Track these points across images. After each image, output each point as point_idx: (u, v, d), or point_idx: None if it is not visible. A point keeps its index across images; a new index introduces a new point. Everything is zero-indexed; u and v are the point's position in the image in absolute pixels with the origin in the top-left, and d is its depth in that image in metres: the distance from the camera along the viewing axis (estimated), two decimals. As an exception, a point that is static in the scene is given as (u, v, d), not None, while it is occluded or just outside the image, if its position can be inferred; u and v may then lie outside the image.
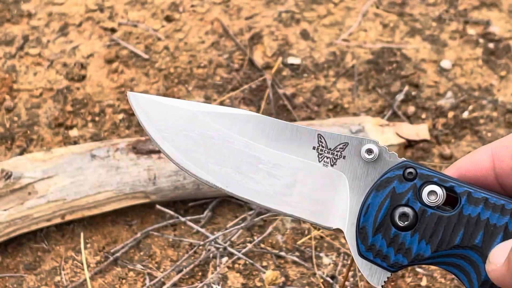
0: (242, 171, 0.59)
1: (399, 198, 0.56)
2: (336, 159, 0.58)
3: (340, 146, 0.58)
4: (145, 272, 1.21)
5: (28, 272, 1.22)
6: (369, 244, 0.57)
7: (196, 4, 1.64)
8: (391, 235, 0.56)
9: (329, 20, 1.62)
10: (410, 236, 0.56)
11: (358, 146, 0.58)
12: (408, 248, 0.56)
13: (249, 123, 0.60)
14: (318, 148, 0.59)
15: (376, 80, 1.50)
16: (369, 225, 0.57)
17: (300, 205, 0.59)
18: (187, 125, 0.61)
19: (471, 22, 1.61)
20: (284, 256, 1.22)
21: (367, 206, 0.57)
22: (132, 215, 1.30)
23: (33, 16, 1.62)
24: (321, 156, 0.59)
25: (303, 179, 0.59)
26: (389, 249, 0.56)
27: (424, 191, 0.55)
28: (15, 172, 1.21)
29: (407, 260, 0.56)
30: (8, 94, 1.48)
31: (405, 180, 0.56)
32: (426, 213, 0.55)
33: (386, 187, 0.56)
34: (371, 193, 0.57)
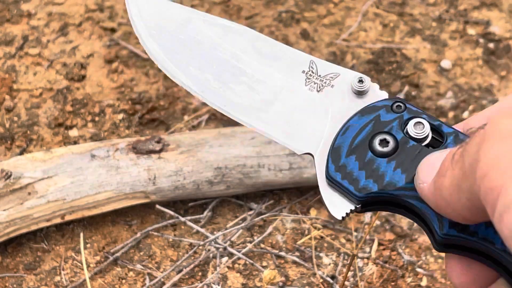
0: (223, 80, 0.58)
1: (382, 124, 0.53)
2: (324, 86, 0.56)
3: (330, 75, 0.57)
4: (145, 272, 1.21)
5: (28, 272, 1.22)
6: (340, 164, 0.53)
7: (196, 4, 1.64)
8: (365, 159, 0.53)
9: (329, 20, 1.62)
10: (386, 163, 0.52)
11: (350, 78, 0.56)
12: (381, 174, 0.52)
13: (242, 36, 0.59)
14: (307, 72, 0.57)
15: (376, 80, 1.50)
16: (345, 145, 0.53)
17: (274, 124, 0.57)
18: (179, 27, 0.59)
19: (471, 22, 1.61)
20: (284, 256, 1.22)
21: (347, 127, 0.54)
22: (132, 215, 1.30)
23: (33, 16, 1.62)
24: (308, 80, 0.57)
25: (284, 99, 0.57)
26: (360, 172, 0.53)
27: (411, 122, 0.52)
28: (15, 172, 1.21)
29: (377, 187, 0.52)
30: (8, 94, 1.48)
31: (392, 111, 0.53)
32: (408, 143, 0.52)
33: (371, 113, 0.54)
34: (354, 116, 0.54)
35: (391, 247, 1.24)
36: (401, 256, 1.22)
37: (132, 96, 1.47)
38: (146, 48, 0.59)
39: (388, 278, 1.20)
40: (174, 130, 1.41)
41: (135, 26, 0.60)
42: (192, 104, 1.46)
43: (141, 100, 1.46)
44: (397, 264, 1.22)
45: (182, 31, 0.59)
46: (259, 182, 1.26)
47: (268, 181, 1.26)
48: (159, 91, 1.48)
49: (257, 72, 0.58)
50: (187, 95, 1.49)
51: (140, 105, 1.46)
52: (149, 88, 1.49)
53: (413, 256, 1.23)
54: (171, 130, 1.41)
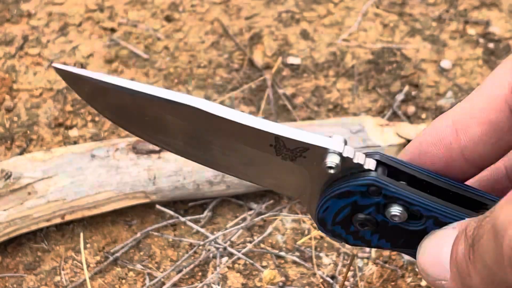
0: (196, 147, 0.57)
1: (361, 208, 0.53)
2: (296, 157, 0.54)
3: (299, 149, 0.54)
4: (145, 272, 1.21)
5: (28, 272, 1.22)
6: (328, 229, 0.55)
7: (196, 4, 1.64)
8: (350, 230, 0.54)
9: (329, 20, 1.62)
10: (370, 234, 0.54)
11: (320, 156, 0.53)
12: (368, 240, 0.54)
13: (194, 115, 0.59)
14: (276, 146, 0.54)
15: (376, 80, 1.50)
16: (328, 220, 0.54)
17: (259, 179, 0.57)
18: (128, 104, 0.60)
19: (471, 22, 1.61)
20: (284, 256, 1.22)
21: (326, 207, 0.54)
22: (132, 215, 1.30)
23: (33, 16, 1.62)
24: (279, 152, 0.54)
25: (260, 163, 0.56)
26: (348, 236, 0.55)
27: (387, 211, 0.52)
28: (15, 172, 1.21)
29: (367, 245, 0.55)
30: (8, 94, 1.48)
31: (369, 195, 0.52)
32: (388, 224, 0.53)
33: (347, 198, 0.53)
34: (331, 198, 0.53)
35: (391, 247, 1.24)
36: (401, 256, 1.22)
37: (132, 96, 1.46)
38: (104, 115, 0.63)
39: (388, 278, 1.20)
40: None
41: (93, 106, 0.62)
42: (192, 104, 1.46)
43: (141, 100, 1.46)
44: (397, 264, 1.22)
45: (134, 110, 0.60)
46: (259, 182, 1.26)
47: (268, 181, 1.26)
48: (159, 91, 1.48)
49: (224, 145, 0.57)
50: (187, 95, 1.49)
51: (140, 105, 1.45)
52: (149, 88, 1.49)
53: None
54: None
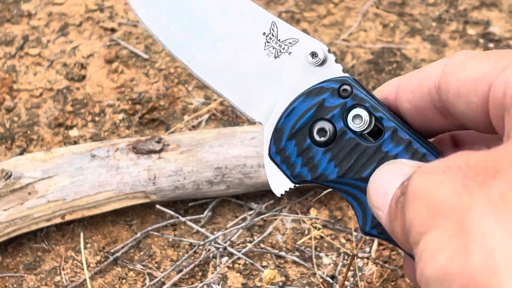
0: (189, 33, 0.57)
1: (325, 111, 0.53)
2: (282, 52, 0.55)
3: (289, 40, 0.56)
4: (145, 272, 1.21)
5: (28, 272, 1.22)
6: (280, 148, 0.54)
7: (196, 4, 1.64)
8: (303, 146, 0.53)
9: (329, 20, 1.62)
10: (321, 153, 0.53)
11: (307, 47, 0.55)
12: (316, 164, 0.53)
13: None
14: (267, 35, 0.56)
15: (376, 80, 1.50)
16: (287, 129, 0.54)
17: (231, 87, 0.57)
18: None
19: (471, 22, 1.61)
20: (284, 256, 1.22)
21: (292, 109, 0.54)
22: (132, 215, 1.30)
23: (33, 16, 1.62)
24: (268, 44, 0.56)
25: (243, 61, 0.56)
26: (297, 159, 0.53)
27: (351, 113, 0.52)
28: (15, 172, 1.21)
29: (311, 176, 0.53)
30: (8, 94, 1.48)
31: (338, 95, 0.53)
32: (346, 135, 0.52)
33: (316, 96, 0.53)
34: (300, 97, 0.53)
35: (391, 247, 1.24)
36: (401, 256, 1.22)
37: (132, 96, 1.47)
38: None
39: (388, 278, 1.20)
40: (174, 130, 1.41)
41: None
42: (192, 104, 1.46)
43: (141, 100, 1.46)
44: (397, 264, 1.22)
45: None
46: (259, 182, 1.26)
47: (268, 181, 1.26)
48: (159, 91, 1.48)
49: (220, 29, 0.57)
50: (187, 95, 1.49)
51: (140, 105, 1.46)
52: (149, 88, 1.49)
53: (413, 256, 1.23)
54: (171, 130, 1.41)
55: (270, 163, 0.55)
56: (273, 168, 0.55)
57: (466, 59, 0.49)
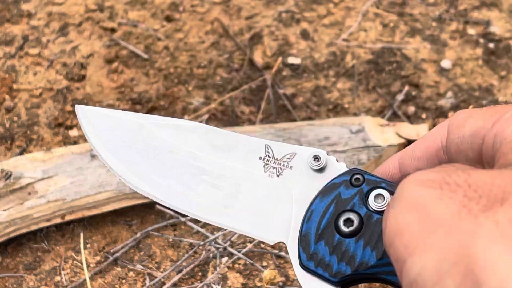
0: (185, 182, 0.57)
1: (344, 203, 0.53)
2: (283, 169, 0.56)
3: (287, 156, 0.56)
4: (145, 272, 1.21)
5: (28, 272, 1.22)
6: (311, 253, 0.53)
7: (196, 4, 1.64)
8: (334, 242, 0.52)
9: (329, 20, 1.62)
10: (354, 243, 0.52)
11: (306, 156, 0.56)
12: (352, 255, 0.52)
13: (194, 133, 0.58)
14: (264, 158, 0.57)
15: (376, 80, 1.50)
16: (312, 232, 0.53)
17: (241, 218, 0.57)
18: (133, 136, 0.59)
19: (471, 22, 1.61)
20: (284, 256, 1.22)
21: (311, 212, 0.54)
22: (132, 215, 1.30)
23: (33, 16, 1.62)
24: (267, 166, 0.57)
25: (246, 190, 0.56)
26: (331, 257, 0.52)
27: (371, 195, 0.52)
28: (15, 172, 1.21)
29: (351, 269, 0.52)
30: (8, 94, 1.48)
31: (352, 185, 0.53)
32: (372, 218, 0.52)
33: (331, 192, 0.53)
34: (316, 199, 0.54)
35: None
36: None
37: (132, 96, 1.47)
38: (106, 163, 0.58)
39: (388, 278, 1.20)
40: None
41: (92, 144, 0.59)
42: (192, 104, 1.46)
43: (141, 100, 1.46)
44: (397, 264, 1.22)
45: (136, 140, 0.59)
46: (259, 182, 1.26)
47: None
48: (159, 91, 1.48)
49: (216, 168, 0.57)
50: (187, 95, 1.49)
51: (140, 105, 1.46)
52: (149, 88, 1.49)
53: (413, 256, 1.23)
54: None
55: (304, 273, 0.53)
56: (308, 278, 0.53)
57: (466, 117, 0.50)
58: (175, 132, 0.59)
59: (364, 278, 0.53)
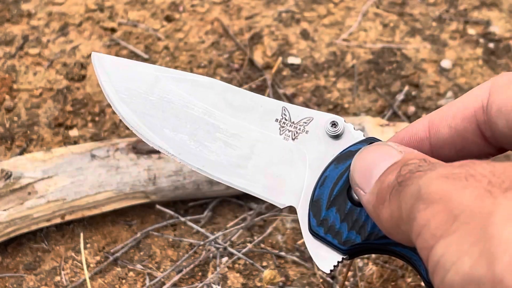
0: (198, 138, 0.56)
1: None
2: (298, 133, 0.55)
3: (304, 120, 0.56)
4: (145, 272, 1.21)
5: (28, 272, 1.22)
6: (322, 218, 0.52)
7: (196, 4, 1.64)
8: (346, 210, 0.52)
9: (329, 20, 1.62)
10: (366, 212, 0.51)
11: (323, 121, 0.55)
12: (363, 224, 0.51)
13: (211, 89, 0.57)
14: (280, 120, 0.56)
15: (376, 80, 1.50)
16: (324, 198, 0.53)
17: (253, 179, 0.56)
18: (148, 88, 0.58)
19: (471, 22, 1.61)
20: (284, 256, 1.22)
21: (324, 178, 0.53)
22: (132, 215, 1.30)
23: (33, 16, 1.62)
24: (283, 128, 0.56)
25: (261, 152, 0.56)
26: (342, 224, 0.52)
27: None
28: (15, 172, 1.21)
29: (361, 238, 0.51)
30: (8, 94, 1.48)
31: None
32: None
33: (347, 159, 0.53)
34: (330, 165, 0.53)
35: (391, 247, 1.24)
36: (401, 256, 1.22)
37: (132, 96, 1.47)
38: (118, 113, 0.58)
39: (388, 278, 1.20)
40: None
41: (105, 93, 0.58)
42: (192, 104, 1.46)
43: (141, 100, 1.46)
44: (397, 264, 1.22)
45: (152, 92, 0.58)
46: (259, 182, 1.26)
47: (268, 181, 1.26)
48: (159, 91, 1.48)
49: (231, 127, 0.56)
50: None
51: (140, 105, 1.46)
52: (149, 88, 1.49)
53: (413, 256, 1.23)
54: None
55: (312, 239, 0.53)
56: (316, 244, 0.53)
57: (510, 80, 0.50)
58: (192, 87, 0.57)
59: (373, 248, 0.52)
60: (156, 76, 0.58)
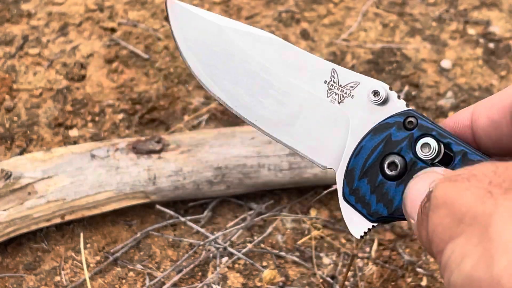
0: (253, 93, 0.59)
1: (393, 145, 0.54)
2: (344, 97, 0.57)
3: (351, 84, 0.57)
4: (145, 272, 1.21)
5: (28, 272, 1.22)
6: (354, 188, 0.54)
7: (196, 4, 1.64)
8: (376, 182, 0.54)
9: (329, 20, 1.62)
10: (395, 187, 0.53)
11: (368, 87, 0.56)
12: (391, 199, 0.53)
13: (271, 45, 0.59)
14: (329, 82, 0.57)
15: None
16: (358, 168, 0.54)
17: (300, 138, 0.58)
18: (214, 39, 0.61)
19: (471, 22, 1.61)
20: (284, 256, 1.22)
21: (360, 148, 0.55)
22: (132, 215, 1.30)
23: (33, 16, 1.62)
24: (330, 91, 0.57)
25: (308, 112, 0.58)
26: (372, 196, 0.54)
27: (419, 143, 0.52)
28: (15, 172, 1.21)
29: (387, 211, 0.53)
30: (8, 94, 1.48)
31: (404, 128, 0.54)
32: (416, 165, 0.53)
33: (383, 132, 0.54)
34: (367, 135, 0.54)
35: (391, 247, 1.24)
36: (401, 256, 1.22)
37: (132, 96, 1.47)
38: (185, 61, 0.61)
39: (388, 278, 1.20)
40: (174, 130, 1.41)
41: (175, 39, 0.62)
42: (192, 104, 1.46)
43: (141, 100, 1.46)
44: (397, 264, 1.22)
45: (217, 43, 0.60)
46: (259, 182, 1.26)
47: (268, 181, 1.26)
48: (159, 91, 1.48)
49: (283, 84, 0.58)
50: (187, 95, 1.49)
51: (140, 105, 1.46)
52: (149, 88, 1.49)
53: (413, 256, 1.23)
54: (171, 130, 1.41)
55: (346, 205, 0.55)
56: (349, 210, 0.55)
57: None
58: (252, 41, 0.60)
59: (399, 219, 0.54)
60: (220, 26, 0.61)
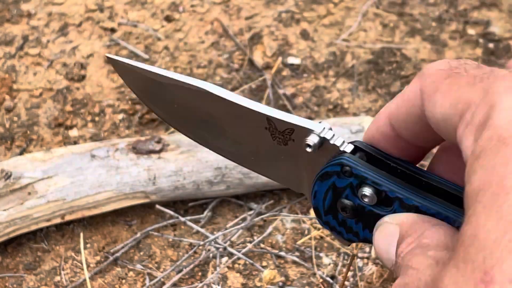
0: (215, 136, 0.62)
1: (340, 192, 0.56)
2: (287, 141, 0.58)
3: (287, 131, 0.57)
4: (145, 272, 1.21)
5: (28, 272, 1.22)
6: (324, 221, 0.57)
7: (196, 4, 1.64)
8: (339, 219, 0.56)
9: (329, 20, 1.62)
10: (355, 223, 0.56)
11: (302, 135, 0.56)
12: (356, 232, 0.56)
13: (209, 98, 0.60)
14: (269, 128, 0.58)
15: (376, 80, 1.50)
16: (320, 207, 0.57)
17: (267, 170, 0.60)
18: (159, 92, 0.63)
19: (471, 22, 1.61)
20: (284, 256, 1.22)
21: (315, 192, 0.56)
22: (132, 215, 1.30)
23: (33, 16, 1.62)
24: (273, 136, 0.58)
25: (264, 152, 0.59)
26: (341, 228, 0.57)
27: (359, 191, 0.54)
28: (15, 172, 1.21)
29: (358, 240, 0.57)
30: (8, 94, 1.48)
31: (344, 176, 0.55)
32: (365, 208, 0.55)
33: (328, 179, 0.56)
34: (316, 181, 0.56)
35: (391, 247, 1.24)
36: (401, 256, 1.23)
37: (132, 96, 1.47)
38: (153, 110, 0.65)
39: (388, 278, 1.20)
40: (174, 130, 1.41)
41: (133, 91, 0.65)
42: (192, 104, 1.46)
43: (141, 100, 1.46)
44: (397, 264, 1.22)
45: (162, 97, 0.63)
46: (259, 182, 1.26)
47: (268, 181, 1.26)
48: (159, 91, 1.48)
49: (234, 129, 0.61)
50: (187, 95, 1.49)
51: (140, 105, 1.46)
52: (149, 88, 1.49)
53: (413, 256, 1.23)
54: (171, 130, 1.41)
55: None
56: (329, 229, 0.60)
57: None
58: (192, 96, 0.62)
59: None
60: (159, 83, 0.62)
